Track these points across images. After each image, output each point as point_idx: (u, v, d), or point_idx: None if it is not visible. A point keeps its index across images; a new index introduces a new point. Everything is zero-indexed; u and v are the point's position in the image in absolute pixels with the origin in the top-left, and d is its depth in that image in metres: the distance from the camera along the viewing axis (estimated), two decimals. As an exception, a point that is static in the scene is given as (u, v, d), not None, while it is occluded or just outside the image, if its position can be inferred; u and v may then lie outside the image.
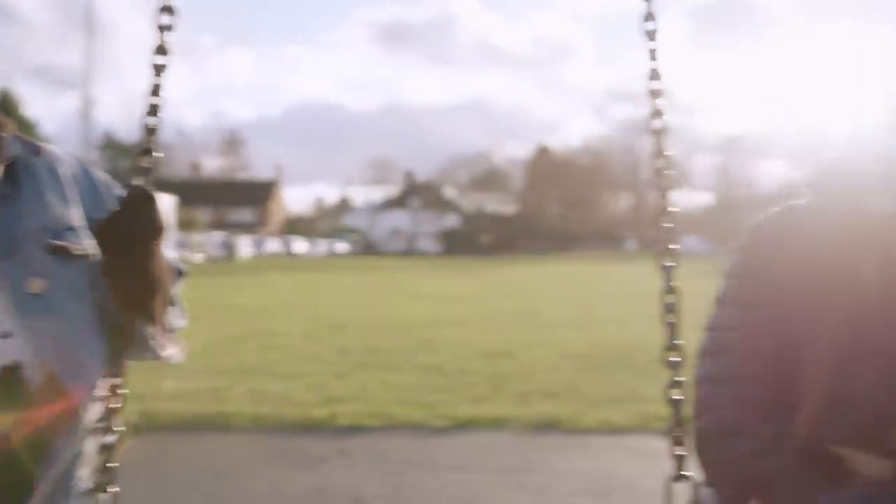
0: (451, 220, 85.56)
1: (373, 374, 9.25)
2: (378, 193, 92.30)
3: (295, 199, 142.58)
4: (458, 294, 22.36)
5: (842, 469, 1.39)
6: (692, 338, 1.55)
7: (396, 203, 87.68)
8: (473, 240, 75.63)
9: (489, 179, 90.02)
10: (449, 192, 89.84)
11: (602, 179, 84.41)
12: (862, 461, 1.39)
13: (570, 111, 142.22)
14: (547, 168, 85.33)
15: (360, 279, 30.35)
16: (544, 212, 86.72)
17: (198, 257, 47.38)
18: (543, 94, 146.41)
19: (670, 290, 1.63)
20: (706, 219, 74.30)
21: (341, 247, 77.28)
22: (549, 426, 7.04)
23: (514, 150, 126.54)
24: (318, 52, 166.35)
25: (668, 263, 1.63)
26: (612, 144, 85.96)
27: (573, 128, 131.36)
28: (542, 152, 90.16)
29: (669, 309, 1.63)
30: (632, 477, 5.50)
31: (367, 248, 79.93)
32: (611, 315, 15.95)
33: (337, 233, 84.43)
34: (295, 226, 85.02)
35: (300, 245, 71.27)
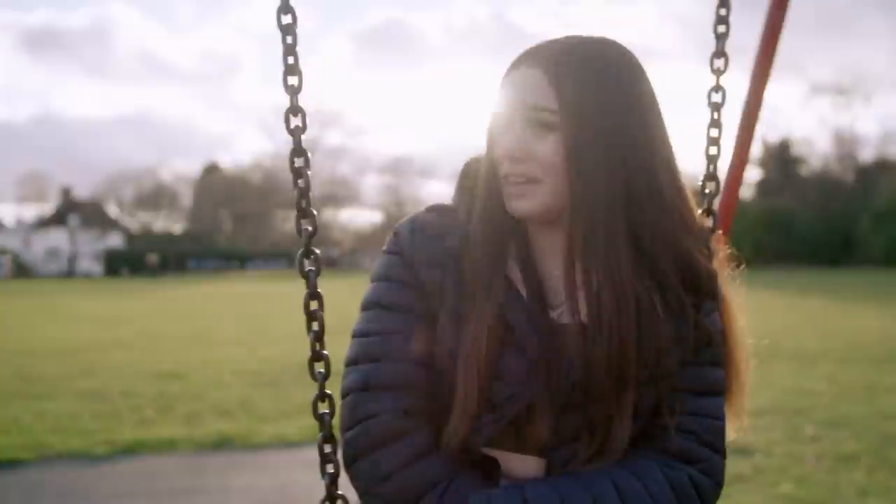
0: (115, 240, 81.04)
1: (25, 404, 8.50)
2: (31, 211, 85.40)
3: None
4: (123, 316, 21.21)
5: (495, 470, 1.39)
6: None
7: (53, 221, 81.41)
8: (140, 260, 72.08)
9: (156, 197, 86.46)
10: (112, 210, 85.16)
11: (274, 197, 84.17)
12: (512, 461, 1.40)
13: (239, 128, 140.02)
14: (217, 186, 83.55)
15: (10, 304, 27.83)
16: (216, 230, 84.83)
17: None
18: (212, 109, 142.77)
19: (313, 297, 1.47)
20: (373, 237, 76.50)
21: (-12, 270, 70.40)
22: (221, 445, 6.86)
23: (182, 167, 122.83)
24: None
25: (309, 268, 1.48)
26: (282, 162, 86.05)
27: (243, 145, 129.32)
28: (212, 169, 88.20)
29: (313, 317, 1.47)
30: (304, 489, 5.53)
31: (20, 271, 73.49)
32: (283, 332, 15.89)
33: (-17, 255, 76.84)
34: (-70, 248, 76.23)
35: (-63, 269, 64.06)
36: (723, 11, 1.84)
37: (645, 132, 1.37)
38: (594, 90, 1.34)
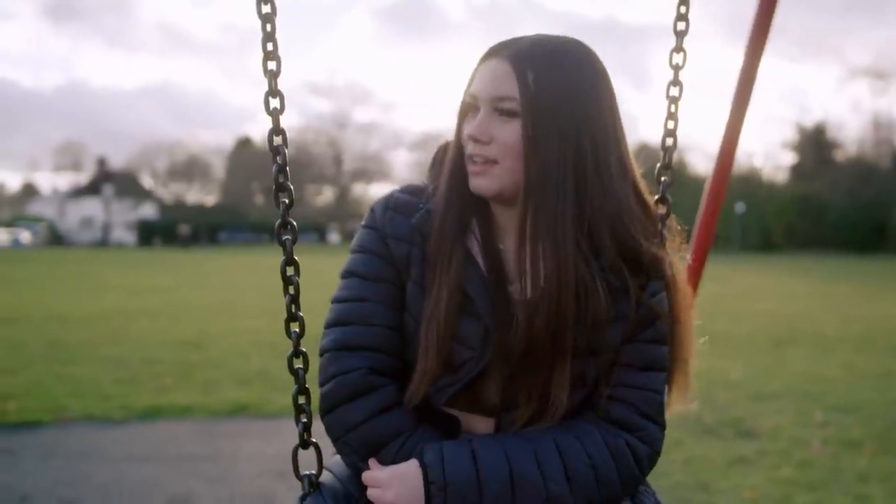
0: (148, 210, 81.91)
1: (49, 368, 8.71)
2: (67, 180, 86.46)
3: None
4: (152, 286, 21.51)
5: (457, 427, 1.56)
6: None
7: (88, 191, 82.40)
8: (173, 231, 72.74)
9: (189, 169, 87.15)
10: (146, 181, 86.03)
11: (305, 171, 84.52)
12: (466, 419, 1.58)
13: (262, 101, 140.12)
14: (249, 159, 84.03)
15: (44, 271, 28.28)
16: (247, 203, 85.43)
17: None
18: (235, 82, 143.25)
19: (290, 263, 1.63)
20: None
21: (24, 237, 71.38)
22: (235, 412, 7.00)
23: (212, 139, 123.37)
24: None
25: (285, 238, 1.61)
26: (314, 136, 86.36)
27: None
28: (245, 143, 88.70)
29: (289, 281, 1.64)
30: (309, 457, 5.63)
31: (55, 239, 74.49)
32: (306, 305, 15.92)
33: (19, 222, 77.86)
34: (-32, 214, 77.38)
35: (-26, 235, 65.10)
36: (682, 9, 1.87)
37: (599, 124, 1.50)
38: (553, 81, 1.47)
